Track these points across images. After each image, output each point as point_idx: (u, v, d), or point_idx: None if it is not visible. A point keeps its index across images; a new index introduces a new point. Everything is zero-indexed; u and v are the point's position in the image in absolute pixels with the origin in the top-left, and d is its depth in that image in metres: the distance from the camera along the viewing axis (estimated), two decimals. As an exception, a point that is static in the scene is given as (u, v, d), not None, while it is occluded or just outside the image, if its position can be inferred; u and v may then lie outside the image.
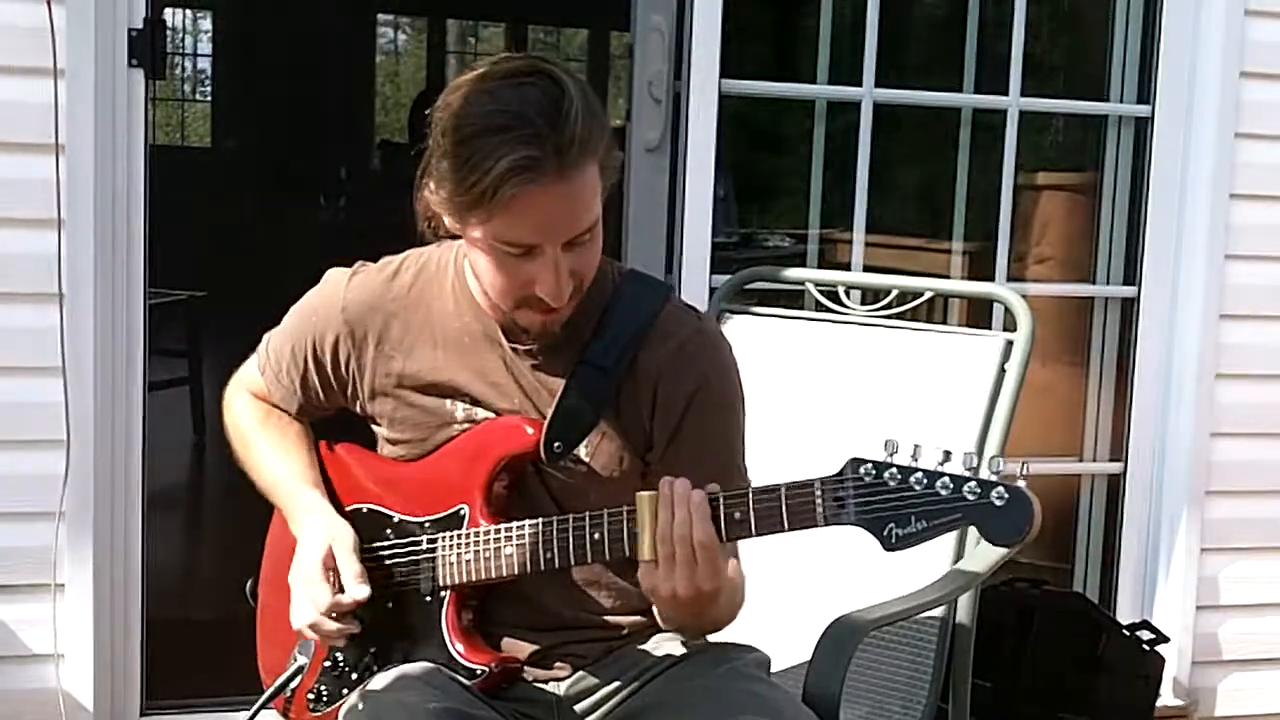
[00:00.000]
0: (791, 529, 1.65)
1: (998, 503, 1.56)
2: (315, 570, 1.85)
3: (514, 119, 1.67)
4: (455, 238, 1.86)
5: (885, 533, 1.60)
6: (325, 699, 1.96)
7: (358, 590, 1.84)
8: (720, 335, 1.96)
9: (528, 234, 1.72)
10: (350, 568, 1.85)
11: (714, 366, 1.89)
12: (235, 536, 2.25)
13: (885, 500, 1.60)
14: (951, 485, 1.57)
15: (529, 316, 1.81)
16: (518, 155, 1.65)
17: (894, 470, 1.60)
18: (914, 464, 1.59)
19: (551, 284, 1.75)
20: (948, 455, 1.58)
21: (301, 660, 1.96)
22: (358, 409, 1.98)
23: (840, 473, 1.62)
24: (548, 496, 1.88)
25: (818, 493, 1.63)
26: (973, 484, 1.56)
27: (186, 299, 4.40)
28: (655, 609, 1.86)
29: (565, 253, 1.74)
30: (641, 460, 1.89)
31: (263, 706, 1.96)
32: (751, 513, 1.66)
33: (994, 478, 1.57)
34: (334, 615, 1.83)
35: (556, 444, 1.85)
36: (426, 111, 1.79)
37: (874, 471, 1.60)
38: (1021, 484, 1.57)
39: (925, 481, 1.58)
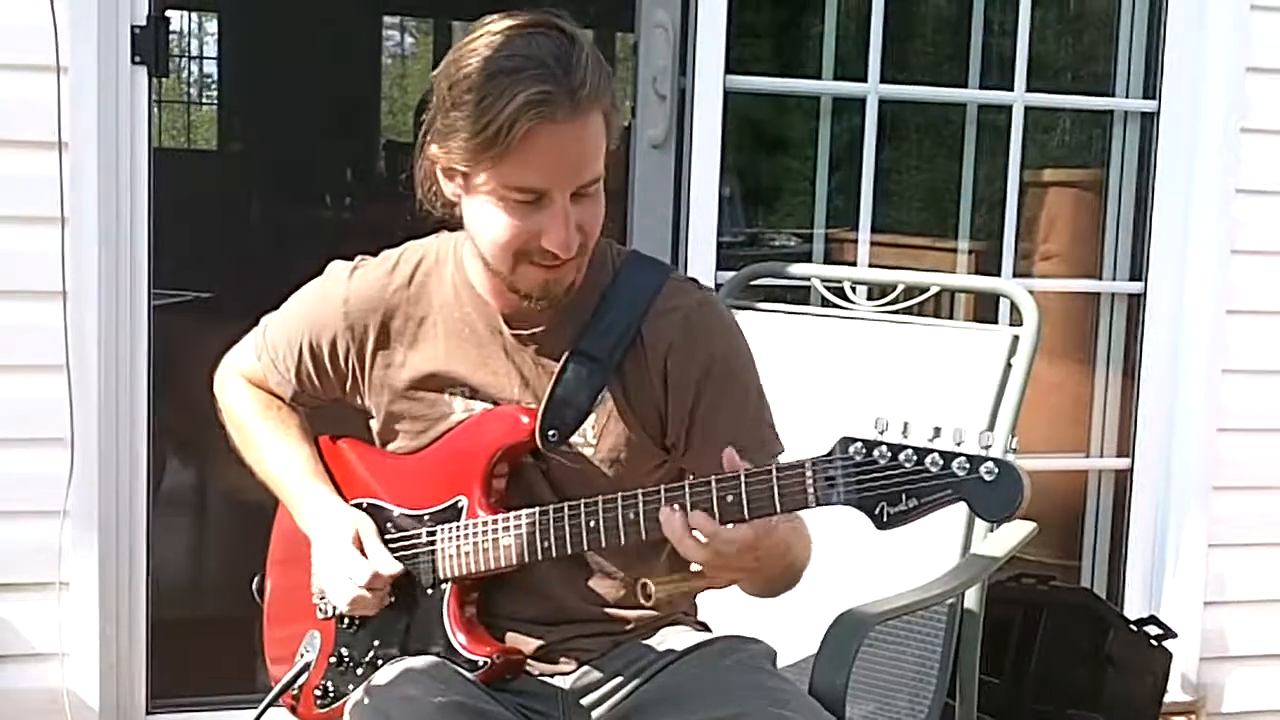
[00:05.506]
0: (784, 510, 1.64)
1: (987, 478, 1.54)
2: (347, 550, 1.89)
3: (527, 61, 1.70)
4: (452, 218, 1.85)
5: (877, 511, 1.58)
6: (332, 695, 1.96)
7: (392, 565, 1.88)
8: (722, 305, 1.95)
9: (539, 176, 1.72)
10: (379, 547, 1.90)
11: (722, 340, 1.89)
12: (241, 534, 2.24)
13: (875, 478, 1.58)
14: (941, 461, 1.56)
15: (532, 275, 1.79)
16: (533, 90, 1.67)
17: (883, 448, 1.58)
18: (903, 441, 1.58)
19: (560, 233, 1.74)
20: (937, 431, 1.57)
21: (308, 657, 1.97)
22: (357, 402, 1.98)
23: (830, 452, 1.61)
24: (546, 485, 1.88)
25: (808, 473, 1.62)
26: (961, 459, 1.55)
27: (192, 300, 4.39)
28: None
29: (572, 205, 1.74)
30: (655, 442, 1.88)
31: (270, 704, 1.96)
32: (744, 495, 1.65)
33: (983, 453, 1.56)
34: (374, 588, 1.87)
35: (551, 432, 1.85)
36: (431, 75, 1.80)
37: (864, 450, 1.59)
38: (1010, 458, 1.56)
39: (915, 458, 1.57)
